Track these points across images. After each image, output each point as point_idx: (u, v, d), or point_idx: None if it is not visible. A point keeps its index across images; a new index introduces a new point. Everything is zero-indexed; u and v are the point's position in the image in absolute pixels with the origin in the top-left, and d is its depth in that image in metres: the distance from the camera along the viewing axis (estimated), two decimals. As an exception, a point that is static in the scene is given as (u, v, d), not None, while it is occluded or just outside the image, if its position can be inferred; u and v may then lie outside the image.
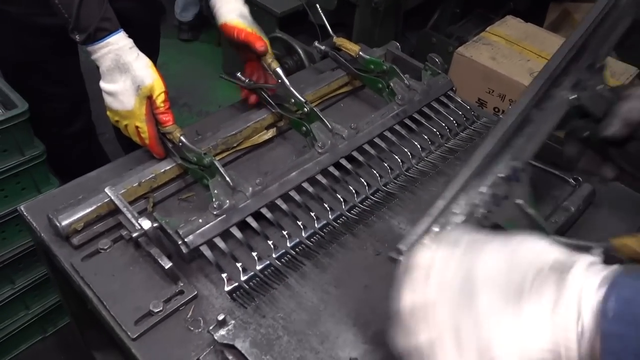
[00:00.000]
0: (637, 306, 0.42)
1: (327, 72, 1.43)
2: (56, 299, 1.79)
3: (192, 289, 0.95)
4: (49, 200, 1.09)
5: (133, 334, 0.89)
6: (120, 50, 1.05)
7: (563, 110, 0.84)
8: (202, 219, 0.98)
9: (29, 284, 1.68)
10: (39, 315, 1.79)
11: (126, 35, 1.08)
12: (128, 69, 1.05)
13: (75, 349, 1.86)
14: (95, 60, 1.08)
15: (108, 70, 1.06)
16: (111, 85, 1.06)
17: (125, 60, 1.05)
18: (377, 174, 1.17)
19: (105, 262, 0.99)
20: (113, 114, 1.10)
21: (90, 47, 1.06)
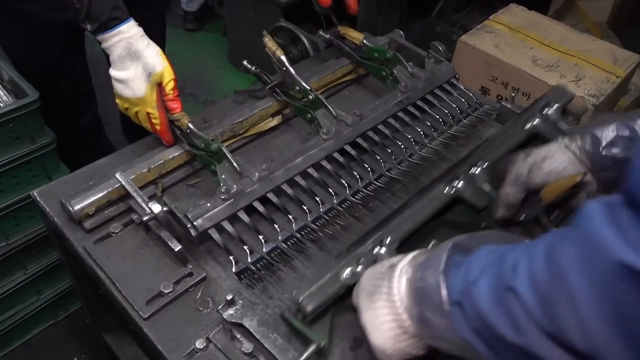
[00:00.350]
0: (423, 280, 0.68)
1: (331, 61, 1.45)
2: (67, 284, 1.82)
3: (201, 271, 0.98)
4: (61, 186, 1.12)
5: (144, 313, 0.92)
6: (132, 38, 1.08)
7: (440, 201, 1.02)
8: (210, 203, 1.00)
9: (41, 270, 1.71)
10: (50, 300, 1.82)
11: (136, 24, 1.10)
12: (139, 57, 1.07)
13: (86, 333, 1.90)
14: (106, 49, 1.10)
15: (119, 58, 1.08)
16: (122, 72, 1.08)
17: (137, 48, 1.07)
18: (381, 159, 1.19)
19: (117, 245, 1.01)
20: (123, 101, 1.12)
21: (101, 36, 1.08)
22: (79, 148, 1.80)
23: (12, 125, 1.41)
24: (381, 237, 0.92)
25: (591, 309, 0.47)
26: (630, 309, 0.45)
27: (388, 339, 0.72)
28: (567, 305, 0.49)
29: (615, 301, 0.46)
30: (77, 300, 1.89)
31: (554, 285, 0.50)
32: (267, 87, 1.27)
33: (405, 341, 0.72)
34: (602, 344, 0.47)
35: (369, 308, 0.74)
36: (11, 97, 1.48)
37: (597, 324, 0.47)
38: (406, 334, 0.72)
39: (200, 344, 0.88)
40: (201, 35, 3.52)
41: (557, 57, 1.97)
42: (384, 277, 0.75)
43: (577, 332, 0.48)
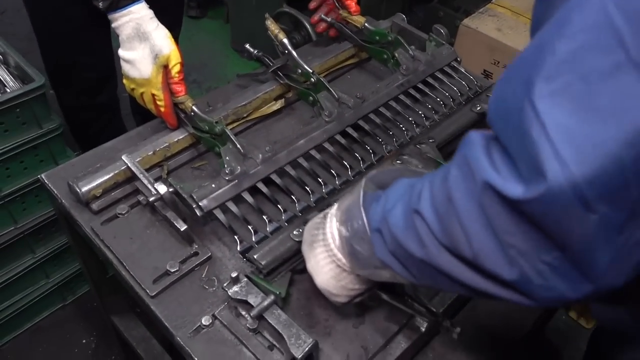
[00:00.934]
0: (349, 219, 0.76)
1: (333, 45, 1.45)
2: (75, 268, 1.85)
3: (206, 250, 1.00)
4: (68, 169, 1.14)
5: (152, 292, 0.94)
6: (141, 19, 1.09)
7: None
8: (214, 184, 1.02)
9: (49, 254, 1.74)
10: (58, 283, 1.85)
11: (147, 6, 1.12)
12: (147, 38, 1.08)
13: (94, 316, 1.93)
14: (115, 28, 1.12)
15: (128, 38, 1.10)
16: (130, 52, 1.10)
17: (145, 29, 1.09)
18: (382, 141, 1.20)
19: (124, 226, 1.04)
20: (129, 82, 1.13)
21: (112, 14, 1.10)
22: (92, 125, 1.82)
23: (19, 110, 1.43)
24: (328, 202, 1.03)
25: (471, 220, 0.56)
26: (494, 219, 0.54)
27: (330, 280, 0.82)
28: (455, 219, 0.58)
29: (485, 213, 0.55)
30: (85, 284, 1.92)
31: (446, 203, 0.59)
32: (270, 70, 1.28)
33: (344, 279, 0.81)
34: (481, 248, 0.57)
35: (311, 256, 0.83)
36: (17, 82, 1.50)
37: (476, 231, 0.56)
38: (344, 272, 0.81)
39: (206, 321, 0.90)
40: (204, 22, 3.52)
41: (560, 41, 1.96)
42: (320, 226, 0.83)
43: (464, 241, 0.58)
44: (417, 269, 0.67)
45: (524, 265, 0.55)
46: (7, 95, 1.40)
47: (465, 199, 0.57)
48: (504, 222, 0.54)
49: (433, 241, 0.61)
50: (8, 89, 1.48)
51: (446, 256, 0.61)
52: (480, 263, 0.58)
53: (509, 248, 0.55)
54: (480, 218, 0.55)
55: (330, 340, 0.92)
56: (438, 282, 0.66)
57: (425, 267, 0.64)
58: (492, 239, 0.55)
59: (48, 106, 1.50)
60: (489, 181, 0.54)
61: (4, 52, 1.54)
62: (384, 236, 0.69)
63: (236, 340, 0.89)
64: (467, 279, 0.61)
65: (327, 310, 0.96)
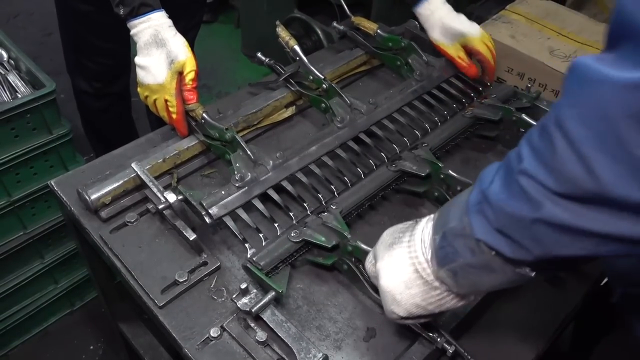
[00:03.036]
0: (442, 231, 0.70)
1: (345, 51, 1.44)
2: (84, 274, 1.85)
3: (215, 260, 0.99)
4: (77, 176, 1.13)
5: (160, 302, 0.93)
6: (160, 26, 1.10)
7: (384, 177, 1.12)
8: (224, 191, 1.01)
9: (58, 259, 1.74)
10: (67, 289, 1.85)
11: (166, 15, 1.13)
12: (165, 44, 1.09)
13: (102, 322, 1.92)
14: (134, 35, 1.12)
15: (145, 44, 1.10)
16: (146, 59, 1.10)
17: (163, 36, 1.10)
18: (396, 147, 1.19)
19: (133, 235, 1.03)
20: (144, 89, 1.13)
21: (132, 21, 1.11)
22: (103, 116, 1.82)
23: (30, 115, 1.43)
24: (327, 205, 1.04)
25: (589, 144, 0.52)
26: (619, 128, 0.50)
27: (400, 283, 0.75)
28: (570, 153, 0.53)
29: (607, 124, 0.50)
30: (93, 290, 1.91)
31: (554, 143, 0.55)
32: (281, 78, 1.27)
33: (415, 287, 0.74)
34: (605, 174, 0.51)
35: (385, 255, 0.77)
36: (29, 87, 1.50)
37: (597, 157, 0.51)
38: (420, 279, 0.74)
39: (215, 333, 0.89)
40: (215, 27, 3.53)
41: (575, 48, 1.94)
42: (407, 230, 0.77)
43: (584, 174, 0.52)
44: (532, 238, 0.60)
45: None
46: (18, 100, 1.40)
47: (579, 122, 0.53)
48: (635, 132, 0.49)
49: (548, 195, 0.56)
50: (19, 94, 1.48)
51: (566, 205, 0.55)
52: (607, 192, 0.52)
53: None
54: (601, 139, 0.51)
55: (340, 355, 0.90)
56: (559, 245, 0.59)
57: (542, 231, 0.58)
58: (620, 160, 0.50)
59: (58, 112, 1.50)
60: (610, 77, 0.50)
61: (16, 57, 1.55)
62: (487, 215, 0.63)
63: (245, 353, 0.87)
64: (592, 223, 0.55)
65: (337, 323, 0.94)
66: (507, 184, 0.61)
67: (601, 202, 0.53)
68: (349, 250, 0.95)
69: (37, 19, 3.18)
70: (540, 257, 0.61)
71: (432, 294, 0.74)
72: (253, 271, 0.93)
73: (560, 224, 0.57)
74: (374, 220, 1.12)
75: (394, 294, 0.76)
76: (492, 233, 0.63)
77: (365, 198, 1.08)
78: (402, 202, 1.16)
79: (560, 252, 0.59)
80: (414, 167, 1.11)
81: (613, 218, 0.53)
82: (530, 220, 0.59)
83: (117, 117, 1.84)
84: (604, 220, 0.54)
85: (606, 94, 0.50)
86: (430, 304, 0.76)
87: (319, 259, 1.00)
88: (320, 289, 0.99)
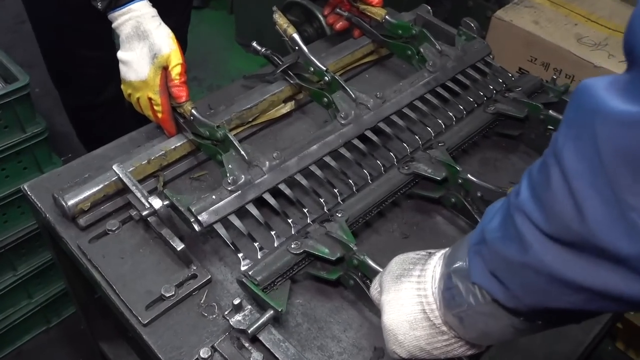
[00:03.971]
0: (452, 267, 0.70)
1: (350, 40, 1.44)
2: (60, 287, 1.85)
3: (205, 272, 0.99)
4: (53, 179, 1.13)
5: (144, 319, 0.93)
6: (142, 17, 1.10)
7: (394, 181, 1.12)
8: (215, 195, 1.01)
9: (32, 271, 1.74)
10: (42, 304, 1.85)
11: (149, 4, 1.13)
12: (147, 37, 1.09)
13: (81, 341, 1.92)
14: (116, 29, 1.13)
15: (127, 38, 1.10)
16: (128, 53, 1.10)
17: (146, 28, 1.10)
18: (407, 147, 1.19)
19: (114, 244, 1.03)
20: (127, 86, 1.14)
21: (112, 14, 1.11)
22: (100, 125, 1.83)
23: (1, 112, 1.44)
24: (331, 213, 1.04)
25: (582, 182, 0.51)
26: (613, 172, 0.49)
27: (404, 323, 0.74)
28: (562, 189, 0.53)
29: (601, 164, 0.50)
30: (71, 305, 1.92)
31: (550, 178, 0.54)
32: (279, 69, 1.27)
33: (420, 330, 0.74)
34: (594, 217, 0.51)
35: (392, 288, 0.77)
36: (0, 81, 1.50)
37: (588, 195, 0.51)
38: (427, 321, 0.73)
39: (205, 353, 0.89)
40: (206, 13, 3.53)
41: (606, 35, 1.94)
42: (418, 262, 0.77)
43: (573, 214, 0.52)
44: (521, 285, 0.60)
45: None
46: (-13, 95, 1.41)
47: (574, 154, 0.52)
48: (625, 173, 0.48)
49: (537, 235, 0.56)
50: (-11, 88, 1.48)
51: (555, 250, 0.55)
52: (593, 238, 0.51)
53: (630, 211, 0.48)
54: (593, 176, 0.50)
55: (345, 377, 0.90)
56: (548, 296, 0.59)
57: (531, 277, 0.59)
58: (608, 202, 0.50)
59: (33, 108, 1.50)
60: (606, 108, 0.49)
61: (-15, 48, 1.55)
62: (483, 255, 0.65)
63: (238, 376, 0.87)
64: (580, 274, 0.54)
65: (341, 343, 0.94)
66: (504, 221, 0.61)
67: (589, 250, 0.52)
68: (355, 264, 0.95)
69: (9, 4, 3.19)
70: (532, 307, 0.61)
71: (438, 339, 0.74)
72: (249, 286, 0.93)
73: (548, 271, 0.56)
74: (383, 229, 1.12)
75: (397, 333, 0.75)
76: (487, 276, 0.64)
77: (373, 205, 1.07)
78: (415, 208, 1.16)
79: (550, 304, 0.59)
80: (429, 170, 1.11)
81: (601, 270, 0.52)
82: (519, 264, 0.59)
83: (115, 124, 1.85)
84: (591, 272, 0.53)
85: (599, 126, 0.50)
86: (435, 349, 0.75)
87: (322, 273, 1.00)
88: (322, 304, 0.99)
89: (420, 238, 1.11)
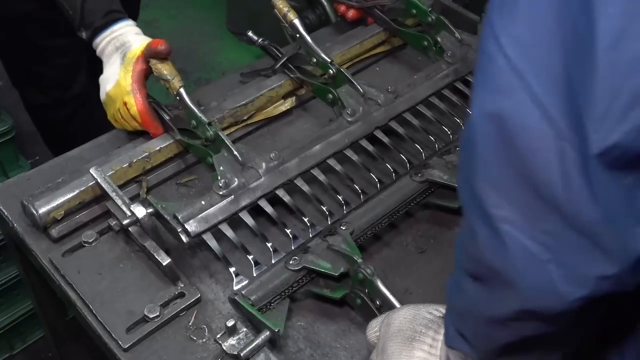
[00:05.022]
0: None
1: (359, 28, 1.46)
2: (27, 309, 1.85)
3: (194, 291, 1.00)
4: (22, 184, 1.14)
5: (124, 343, 0.94)
6: (125, 35, 1.16)
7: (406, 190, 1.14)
8: (205, 200, 1.02)
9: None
10: (4, 328, 1.84)
11: (134, 23, 1.19)
12: (123, 44, 1.15)
13: (49, 370, 1.93)
14: (100, 54, 1.18)
15: (107, 56, 1.16)
16: (107, 69, 1.16)
17: (124, 40, 1.16)
18: (421, 149, 1.20)
19: (91, 258, 1.04)
20: (106, 103, 1.18)
21: (95, 42, 1.18)
22: (70, 123, 1.84)
23: (-39, 108, 1.45)
24: (335, 226, 1.06)
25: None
26: None
27: None
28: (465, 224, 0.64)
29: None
30: (38, 329, 1.92)
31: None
32: (279, 63, 1.28)
33: None
34: (481, 236, 0.59)
35: (403, 353, 0.79)
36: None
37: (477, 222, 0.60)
38: None
39: (194, 382, 0.90)
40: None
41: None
42: (432, 326, 0.80)
43: (474, 244, 0.61)
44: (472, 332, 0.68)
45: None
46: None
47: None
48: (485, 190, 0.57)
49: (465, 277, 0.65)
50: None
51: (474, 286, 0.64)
52: (487, 262, 0.59)
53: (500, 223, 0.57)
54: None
55: (352, 410, 0.91)
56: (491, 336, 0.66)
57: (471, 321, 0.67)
58: (481, 218, 0.59)
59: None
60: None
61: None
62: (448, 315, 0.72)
63: (232, 408, 0.88)
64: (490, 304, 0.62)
65: (348, 370, 0.95)
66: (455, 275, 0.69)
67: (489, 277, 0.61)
68: (360, 279, 0.96)
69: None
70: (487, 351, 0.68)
71: None
72: (242, 305, 0.94)
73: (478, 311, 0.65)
74: (396, 242, 1.13)
75: None
76: (454, 335, 0.71)
77: (382, 217, 1.08)
78: (431, 219, 1.17)
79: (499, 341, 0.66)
80: (445, 177, 1.12)
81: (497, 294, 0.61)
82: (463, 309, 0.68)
83: (86, 123, 1.86)
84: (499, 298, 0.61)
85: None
86: None
87: (325, 292, 1.01)
88: (326, 327, 1.00)
89: (438, 253, 1.12)
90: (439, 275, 1.06)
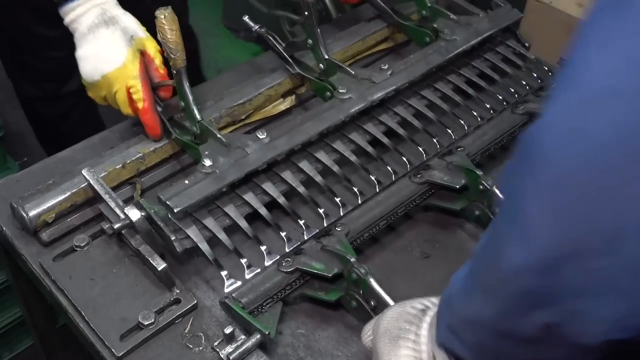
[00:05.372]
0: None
1: (361, 24, 1.46)
2: (15, 316, 1.85)
3: (190, 297, 1.00)
4: (11, 186, 1.15)
5: (118, 351, 0.94)
6: (106, 4, 1.14)
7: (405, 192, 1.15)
8: (188, 180, 1.02)
9: (-19, 296, 1.75)
10: (-8, 336, 1.86)
11: None
12: (116, 22, 1.13)
13: (38, 380, 1.93)
14: (72, 22, 1.15)
15: (90, 28, 1.13)
16: (95, 43, 1.13)
17: (113, 14, 1.14)
18: (422, 151, 1.20)
19: (83, 263, 1.04)
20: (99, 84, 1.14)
21: (66, 6, 1.14)
22: (67, 120, 1.84)
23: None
24: (329, 228, 1.08)
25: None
26: None
27: None
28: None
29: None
30: (26, 337, 1.92)
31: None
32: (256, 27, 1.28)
33: None
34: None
35: (391, 354, 0.81)
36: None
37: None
38: None
39: (190, 391, 0.90)
40: (188, -9, 3.56)
41: (663, 19, 1.96)
42: (414, 321, 0.82)
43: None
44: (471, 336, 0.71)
45: None
46: None
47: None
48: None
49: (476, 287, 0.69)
50: None
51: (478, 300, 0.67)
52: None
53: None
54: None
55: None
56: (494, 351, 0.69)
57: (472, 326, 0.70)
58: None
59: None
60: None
61: None
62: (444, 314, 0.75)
63: (230, 419, 0.89)
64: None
65: (351, 379, 0.96)
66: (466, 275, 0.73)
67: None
68: (354, 279, 0.97)
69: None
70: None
71: None
72: (233, 308, 0.94)
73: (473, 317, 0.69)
74: (399, 246, 1.13)
75: None
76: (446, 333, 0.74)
77: (380, 218, 1.09)
78: (435, 223, 1.17)
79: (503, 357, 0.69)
80: (445, 177, 1.13)
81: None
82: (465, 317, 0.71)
83: (82, 121, 1.87)
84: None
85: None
86: None
87: (319, 294, 1.01)
88: (328, 335, 1.00)
89: (443, 258, 1.12)
90: (444, 281, 1.06)
